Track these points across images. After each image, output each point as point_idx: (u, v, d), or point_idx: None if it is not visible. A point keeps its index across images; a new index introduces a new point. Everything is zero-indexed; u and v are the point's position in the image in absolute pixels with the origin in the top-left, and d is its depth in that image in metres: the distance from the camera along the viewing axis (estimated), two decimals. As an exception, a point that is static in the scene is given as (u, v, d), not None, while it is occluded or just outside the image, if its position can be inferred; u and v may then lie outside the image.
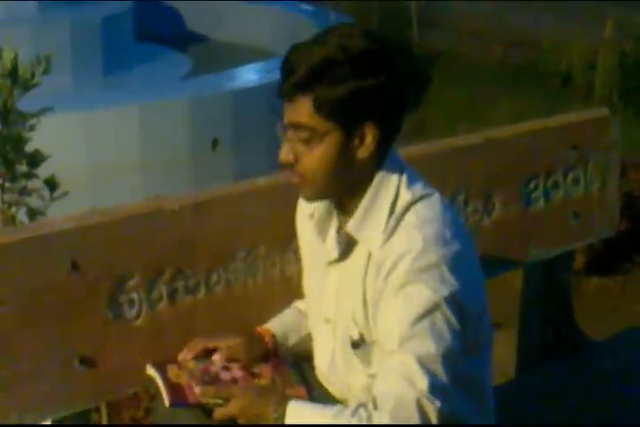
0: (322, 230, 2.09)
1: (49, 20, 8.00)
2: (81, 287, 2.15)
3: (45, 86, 3.27)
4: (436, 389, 1.83)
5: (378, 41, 1.90)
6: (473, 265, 1.99)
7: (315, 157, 1.91)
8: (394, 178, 1.97)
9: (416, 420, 1.83)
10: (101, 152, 6.28)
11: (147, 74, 8.35)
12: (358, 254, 2.01)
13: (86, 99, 6.89)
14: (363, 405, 1.87)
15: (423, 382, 1.83)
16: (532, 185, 2.99)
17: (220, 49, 9.61)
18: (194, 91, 7.04)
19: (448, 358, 1.85)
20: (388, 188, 1.96)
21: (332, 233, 2.07)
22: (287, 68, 1.88)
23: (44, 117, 3.23)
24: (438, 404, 1.83)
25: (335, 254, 2.04)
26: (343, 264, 2.05)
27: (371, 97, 1.87)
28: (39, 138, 3.31)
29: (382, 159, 1.96)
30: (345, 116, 1.88)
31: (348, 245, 2.02)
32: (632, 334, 3.77)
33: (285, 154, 1.93)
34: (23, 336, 2.09)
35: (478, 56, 9.11)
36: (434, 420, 1.83)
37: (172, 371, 2.13)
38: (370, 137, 1.90)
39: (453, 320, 1.87)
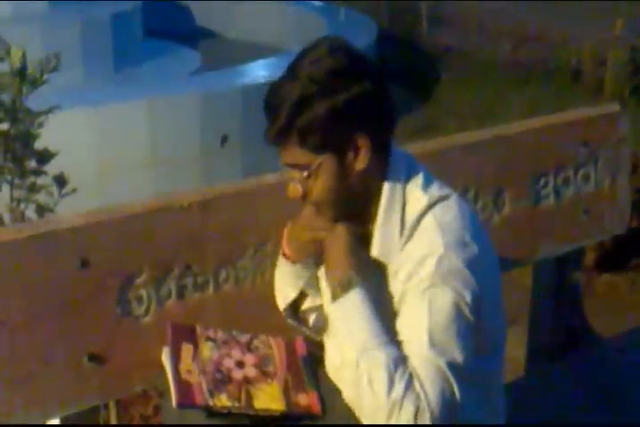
0: None
1: (59, 17, 8.00)
2: (90, 284, 2.15)
3: (56, 83, 3.27)
4: (463, 398, 1.86)
5: (346, 55, 1.91)
6: (493, 266, 2.00)
7: (319, 189, 1.95)
8: (403, 184, 1.98)
9: (447, 417, 1.85)
10: (111, 148, 6.26)
11: (156, 70, 8.35)
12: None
13: (96, 95, 6.87)
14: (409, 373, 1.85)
15: (457, 392, 1.85)
16: (542, 182, 2.97)
17: (230, 45, 9.61)
18: (203, 87, 7.01)
19: (469, 366, 1.88)
20: (399, 196, 1.97)
21: None
22: (268, 113, 1.91)
23: (55, 114, 3.23)
24: (465, 413, 1.88)
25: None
26: None
27: (349, 111, 1.88)
28: (49, 134, 3.31)
29: (384, 162, 1.97)
30: (331, 139, 1.90)
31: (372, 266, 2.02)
32: (640, 330, 3.74)
33: (292, 192, 1.97)
34: (32, 333, 2.09)
35: (488, 53, 9.08)
36: (459, 415, 1.87)
37: (185, 363, 2.10)
38: (363, 148, 1.92)
39: (474, 322, 1.89)
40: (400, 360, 1.85)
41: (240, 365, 2.14)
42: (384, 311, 1.96)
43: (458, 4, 10.51)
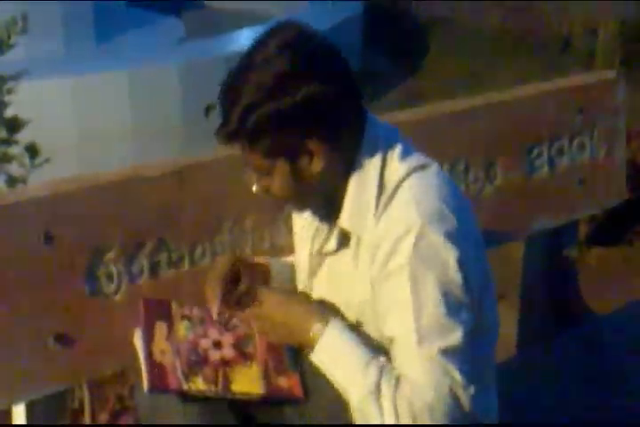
0: (311, 223, 2.08)
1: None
2: (55, 260, 2.08)
3: (37, 52, 3.19)
4: (465, 374, 1.81)
5: (296, 53, 1.83)
6: (475, 240, 1.92)
7: (275, 187, 1.91)
8: (376, 159, 1.91)
9: (453, 409, 1.80)
10: (91, 119, 6.25)
11: (139, 40, 8.27)
12: (351, 242, 1.96)
13: (78, 64, 6.82)
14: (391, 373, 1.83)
15: (454, 372, 1.80)
16: (535, 151, 2.93)
17: (215, 14, 9.53)
18: (187, 56, 7.00)
19: (466, 339, 1.81)
20: (371, 170, 1.90)
21: (321, 226, 2.04)
22: (221, 111, 1.88)
23: (34, 83, 3.14)
24: (472, 389, 1.82)
25: (330, 247, 2.01)
26: (335, 255, 2.01)
27: (295, 116, 1.82)
28: (29, 105, 3.22)
29: (350, 154, 1.91)
30: (280, 145, 1.85)
31: (342, 238, 1.97)
32: (635, 306, 3.69)
33: (254, 188, 1.95)
34: (-7, 313, 2.02)
35: (477, 22, 9.03)
36: (468, 404, 1.82)
37: (158, 343, 2.00)
38: (316, 153, 1.86)
39: (464, 300, 1.83)
40: (381, 378, 1.83)
41: (217, 345, 2.05)
42: (347, 275, 1.95)
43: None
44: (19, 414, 2.18)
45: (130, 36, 8.24)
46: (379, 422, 1.82)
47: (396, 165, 1.90)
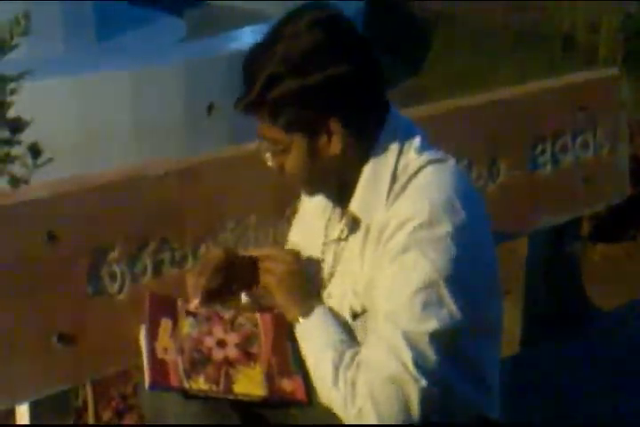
0: (324, 210, 2.06)
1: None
2: (58, 260, 2.07)
3: (37, 52, 3.17)
4: (419, 366, 1.77)
5: (326, 31, 1.83)
6: (484, 238, 1.89)
7: (290, 165, 1.90)
8: (393, 149, 1.89)
9: (396, 396, 1.78)
10: (93, 118, 6.20)
11: (141, 38, 8.25)
12: (359, 230, 1.94)
13: (79, 64, 6.79)
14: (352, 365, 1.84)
15: (407, 358, 1.77)
16: (539, 149, 2.92)
17: (217, 12, 9.51)
18: (189, 54, 6.97)
19: (437, 336, 1.78)
20: (388, 159, 1.89)
21: (334, 215, 2.03)
22: (244, 81, 1.87)
23: (35, 83, 3.13)
24: (423, 382, 1.78)
25: (343, 235, 1.99)
26: (345, 242, 1.99)
27: (320, 94, 1.82)
28: (31, 104, 3.21)
29: (368, 142, 1.89)
30: (301, 120, 1.84)
31: (352, 224, 1.95)
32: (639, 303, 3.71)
33: (269, 163, 1.93)
34: (-4, 313, 2.01)
35: (479, 19, 9.01)
36: (414, 397, 1.78)
37: (162, 340, 1.98)
38: (335, 133, 1.85)
39: (449, 300, 1.78)
40: (346, 351, 1.85)
41: (221, 344, 2.03)
42: (354, 262, 1.93)
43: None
44: (22, 412, 2.17)
45: (131, 36, 8.22)
46: (332, 394, 1.83)
47: (413, 156, 1.89)
